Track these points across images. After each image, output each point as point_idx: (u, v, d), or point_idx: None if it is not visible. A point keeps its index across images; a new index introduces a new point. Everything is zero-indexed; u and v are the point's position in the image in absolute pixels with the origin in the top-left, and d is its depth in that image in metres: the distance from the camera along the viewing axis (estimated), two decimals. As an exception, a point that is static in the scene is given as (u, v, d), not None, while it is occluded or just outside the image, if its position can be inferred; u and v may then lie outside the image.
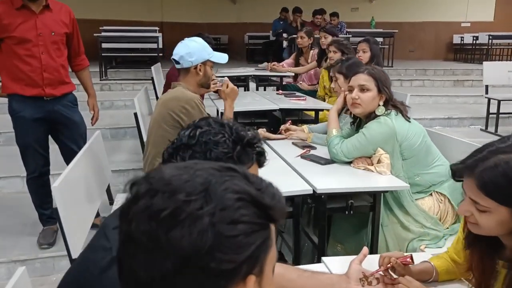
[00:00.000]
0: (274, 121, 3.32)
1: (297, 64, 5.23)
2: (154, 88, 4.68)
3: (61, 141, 2.90)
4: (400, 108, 2.29)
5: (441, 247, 2.16)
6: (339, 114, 2.90)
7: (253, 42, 11.36)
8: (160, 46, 7.98)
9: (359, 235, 2.33)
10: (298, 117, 3.50)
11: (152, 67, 5.00)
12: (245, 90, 4.75)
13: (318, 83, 4.92)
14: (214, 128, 1.11)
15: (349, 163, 2.29)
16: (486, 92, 5.59)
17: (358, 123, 2.43)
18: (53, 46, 2.72)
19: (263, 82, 4.89)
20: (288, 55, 8.33)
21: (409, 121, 2.28)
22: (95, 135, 2.67)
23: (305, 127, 2.99)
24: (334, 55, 4.08)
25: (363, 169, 2.23)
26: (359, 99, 2.25)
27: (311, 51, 5.13)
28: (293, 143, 2.74)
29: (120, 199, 2.76)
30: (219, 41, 12.85)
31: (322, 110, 3.49)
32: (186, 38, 2.48)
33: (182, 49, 2.39)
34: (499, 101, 5.36)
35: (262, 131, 2.84)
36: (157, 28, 8.98)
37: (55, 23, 2.72)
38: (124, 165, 4.33)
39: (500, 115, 5.40)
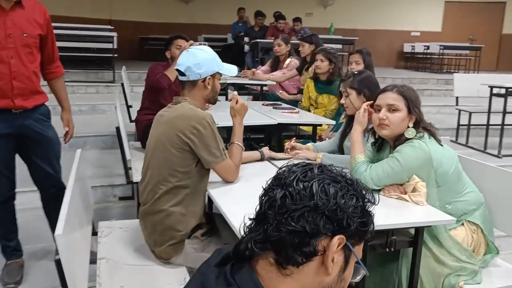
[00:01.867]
0: (268, 136, 3.05)
1: (274, 70, 5.01)
2: (124, 94, 4.27)
3: (32, 161, 2.48)
4: (432, 131, 2.11)
5: (479, 283, 2.00)
6: (346, 134, 2.72)
7: (210, 45, 10.97)
8: (115, 46, 7.48)
9: (387, 271, 2.12)
10: (294, 132, 3.26)
11: (122, 71, 4.59)
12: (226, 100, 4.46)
13: (298, 92, 4.73)
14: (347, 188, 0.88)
15: (378, 190, 2.08)
16: (457, 104, 5.64)
17: (380, 144, 2.23)
18: (25, 49, 2.31)
19: (242, 90, 4.61)
20: (251, 59, 8.11)
21: (442, 145, 2.11)
22: (77, 156, 2.29)
23: (310, 145, 2.77)
24: (322, 64, 3.90)
25: (396, 198, 2.02)
26: (387, 119, 2.04)
27: (289, 59, 4.93)
28: (302, 164, 2.49)
29: (105, 229, 2.39)
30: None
31: (320, 125, 3.28)
32: (193, 47, 2.16)
33: (189, 59, 2.08)
34: (470, 113, 5.41)
35: (266, 150, 2.58)
36: (111, 27, 8.43)
37: (28, 23, 2.31)
38: (91, 182, 3.89)
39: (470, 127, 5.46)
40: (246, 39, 8.63)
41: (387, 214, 1.86)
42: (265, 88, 4.82)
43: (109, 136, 5.10)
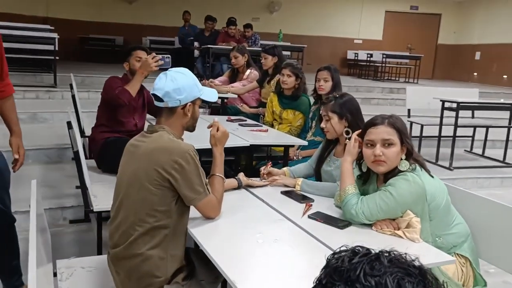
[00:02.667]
0: (239, 158, 2.86)
1: (232, 82, 4.83)
2: (75, 104, 3.91)
3: (-24, 194, 2.14)
4: (421, 162, 2.04)
5: (470, 318, 1.95)
6: (323, 159, 2.60)
7: (156, 48, 10.60)
8: (57, 48, 6.96)
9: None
10: (266, 153, 3.09)
11: (72, 75, 4.22)
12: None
13: (258, 105, 4.58)
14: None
15: (370, 225, 1.97)
16: (409, 116, 5.74)
17: (366, 175, 2.12)
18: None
19: (203, 102, 4.38)
20: (201, 65, 7.87)
21: (432, 176, 2.03)
22: (34, 188, 1.99)
23: (285, 169, 2.62)
24: (289, 79, 3.78)
25: (390, 234, 1.92)
26: (384, 155, 1.94)
27: (249, 70, 4.77)
28: (282, 192, 2.35)
29: (64, 269, 2.10)
30: (113, 42, 11.88)
31: (292, 146, 3.14)
32: (172, 69, 1.94)
33: (168, 84, 1.86)
34: (422, 126, 5.52)
35: (243, 177, 2.40)
36: (51, 27, 7.85)
37: None
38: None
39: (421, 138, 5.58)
40: (196, 44, 8.36)
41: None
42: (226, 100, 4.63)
43: (53, 150, 4.69)
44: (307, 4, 13.51)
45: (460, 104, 4.91)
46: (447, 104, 5.09)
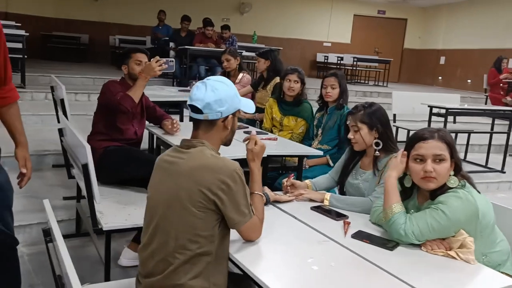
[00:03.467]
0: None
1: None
2: (57, 111, 3.60)
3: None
4: (468, 177, 1.94)
5: None
6: (348, 171, 2.47)
7: (126, 47, 10.19)
8: (25, 46, 6.52)
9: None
10: (279, 163, 2.94)
11: (54, 76, 3.91)
12: (181, 120, 3.96)
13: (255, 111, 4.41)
14: None
15: (418, 245, 1.85)
16: (394, 121, 5.73)
17: (409, 191, 2.00)
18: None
19: None
20: (178, 66, 7.61)
21: (479, 192, 1.94)
22: (49, 210, 1.75)
23: (308, 182, 2.48)
24: (296, 85, 3.64)
25: (442, 255, 1.81)
26: (435, 171, 1.82)
27: (241, 74, 4.59)
28: (312, 208, 2.19)
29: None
30: (78, 40, 11.40)
31: (307, 156, 2.99)
32: (211, 78, 1.75)
33: (208, 94, 1.67)
34: (408, 131, 5.51)
35: (270, 192, 2.23)
36: (18, 24, 7.36)
37: None
38: (20, 217, 3.19)
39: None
40: (171, 44, 8.09)
41: (445, 278, 1.63)
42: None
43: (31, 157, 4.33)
44: (277, 6, 13.46)
45: (449, 110, 4.92)
46: (435, 110, 5.10)
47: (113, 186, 2.83)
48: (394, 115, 5.74)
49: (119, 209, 2.48)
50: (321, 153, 3.06)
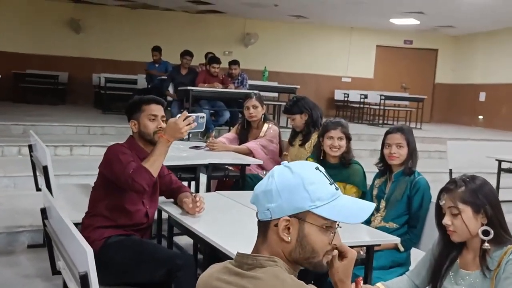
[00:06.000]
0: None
1: (242, 140, 4.27)
2: (35, 173, 3.21)
3: None
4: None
5: None
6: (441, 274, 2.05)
7: (113, 86, 9.99)
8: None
9: None
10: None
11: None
12: (196, 190, 3.54)
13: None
14: None
15: None
16: (451, 176, 5.34)
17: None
18: None
19: (217, 172, 3.73)
20: (177, 110, 7.33)
21: None
22: None
23: (380, 285, 2.08)
24: (340, 143, 3.28)
25: None
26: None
27: (266, 124, 4.25)
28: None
29: None
30: (56, 79, 11.24)
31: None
32: (294, 163, 1.36)
33: (262, 182, 1.32)
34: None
35: None
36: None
37: None
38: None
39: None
40: (170, 88, 7.84)
41: None
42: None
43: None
44: (287, 36, 13.40)
45: (524, 165, 4.55)
46: (504, 164, 4.73)
47: (117, 290, 2.40)
48: (450, 170, 5.36)
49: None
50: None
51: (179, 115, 2.52)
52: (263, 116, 4.29)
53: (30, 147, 3.82)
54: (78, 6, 11.91)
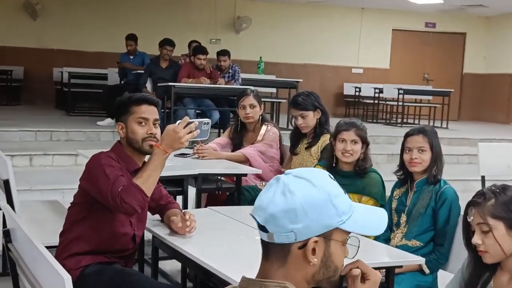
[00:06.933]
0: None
1: (237, 146, 4.37)
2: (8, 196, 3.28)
3: None
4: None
5: None
6: None
7: (78, 83, 10.08)
8: None
9: None
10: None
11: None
12: (184, 206, 3.61)
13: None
14: None
15: None
16: (483, 184, 5.44)
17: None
18: None
19: (208, 184, 3.81)
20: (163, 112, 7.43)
21: None
22: None
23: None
24: (354, 147, 3.38)
25: None
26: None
27: (264, 126, 4.34)
28: None
29: None
30: (9, 75, 11.29)
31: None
32: (292, 172, 1.44)
33: (276, 200, 1.36)
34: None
35: None
36: None
37: None
38: None
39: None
40: (148, 84, 7.96)
41: None
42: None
43: None
44: (285, 21, 13.51)
45: None
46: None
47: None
48: (483, 177, 5.46)
49: None
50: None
51: (178, 121, 2.55)
52: (260, 117, 4.37)
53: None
54: (34, -13, 12.01)
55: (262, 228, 1.39)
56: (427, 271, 2.98)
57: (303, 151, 4.09)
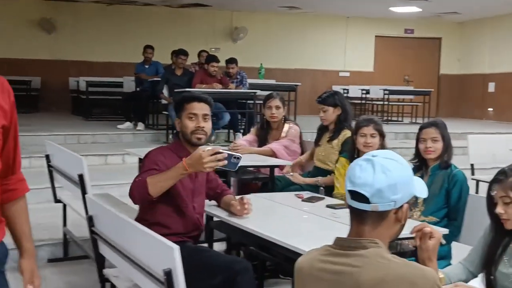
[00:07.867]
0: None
1: (262, 142, 4.63)
2: (53, 184, 3.52)
3: None
4: None
5: None
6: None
7: (96, 91, 10.25)
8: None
9: None
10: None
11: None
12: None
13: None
14: None
15: None
16: (473, 173, 5.74)
17: None
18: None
19: (245, 175, 4.08)
20: (175, 113, 7.65)
21: None
22: None
23: (440, 274, 2.42)
24: (373, 140, 3.65)
25: None
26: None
27: (287, 124, 4.61)
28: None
29: None
30: (29, 85, 11.37)
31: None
32: (378, 154, 1.72)
33: (379, 178, 1.63)
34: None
35: None
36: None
37: None
38: None
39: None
40: (164, 90, 8.12)
41: None
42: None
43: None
44: (278, 30, 13.75)
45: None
46: (529, 157, 5.14)
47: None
48: (472, 165, 5.76)
49: None
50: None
51: (208, 147, 2.61)
52: (283, 117, 4.64)
53: (47, 157, 4.12)
54: (49, 4, 12.16)
55: (362, 199, 1.63)
56: (443, 242, 3.14)
57: (325, 144, 4.33)
